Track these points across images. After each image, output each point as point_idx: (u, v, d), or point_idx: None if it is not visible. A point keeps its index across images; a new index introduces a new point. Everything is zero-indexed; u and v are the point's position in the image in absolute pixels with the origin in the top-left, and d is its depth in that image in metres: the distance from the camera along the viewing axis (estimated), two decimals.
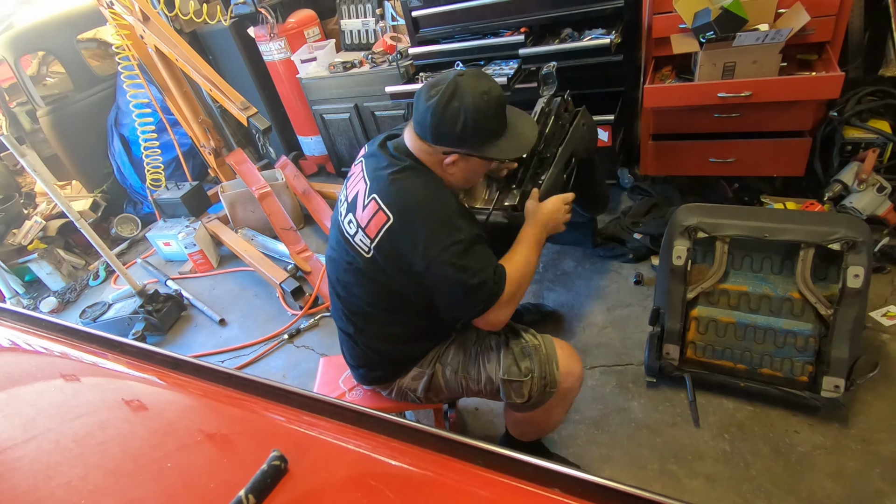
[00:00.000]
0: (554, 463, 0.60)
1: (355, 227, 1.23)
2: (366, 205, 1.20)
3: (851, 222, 1.42)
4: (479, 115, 1.14)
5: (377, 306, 1.28)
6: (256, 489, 0.58)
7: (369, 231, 1.19)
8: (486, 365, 1.29)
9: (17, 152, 2.30)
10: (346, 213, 1.26)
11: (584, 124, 1.71)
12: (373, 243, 1.19)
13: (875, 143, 2.10)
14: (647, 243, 2.31)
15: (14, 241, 3.35)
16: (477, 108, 1.13)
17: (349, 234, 1.25)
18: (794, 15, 1.93)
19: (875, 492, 1.40)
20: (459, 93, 1.13)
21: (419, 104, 1.18)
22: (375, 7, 3.13)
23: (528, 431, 1.47)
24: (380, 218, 1.16)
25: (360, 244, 1.22)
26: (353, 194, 1.26)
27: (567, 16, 2.32)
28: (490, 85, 1.16)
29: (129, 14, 2.79)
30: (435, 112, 1.14)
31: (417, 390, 1.35)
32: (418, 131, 1.20)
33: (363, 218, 1.20)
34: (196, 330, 2.74)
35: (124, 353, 0.90)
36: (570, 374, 1.27)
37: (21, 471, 0.70)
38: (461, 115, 1.13)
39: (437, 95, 1.14)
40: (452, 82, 1.14)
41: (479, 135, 1.17)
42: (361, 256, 1.22)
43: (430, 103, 1.14)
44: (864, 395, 1.61)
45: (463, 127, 1.14)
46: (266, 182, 3.14)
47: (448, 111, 1.13)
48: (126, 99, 3.37)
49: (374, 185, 1.20)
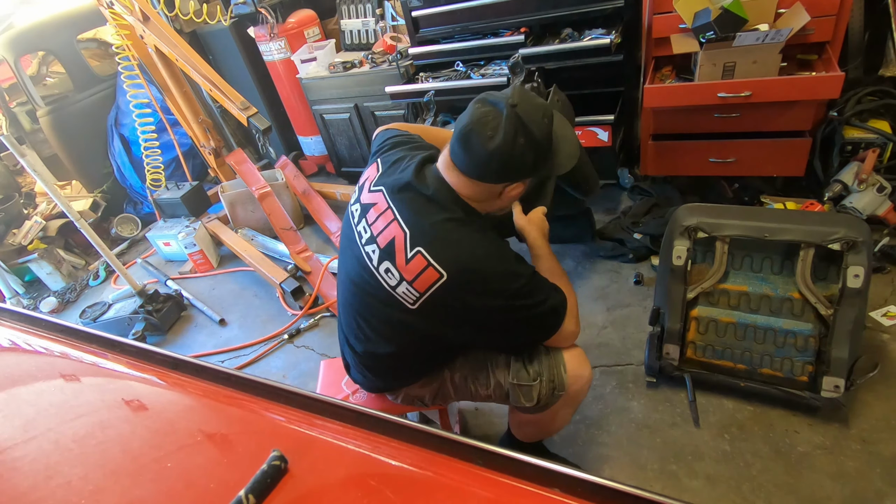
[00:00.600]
0: (554, 463, 0.60)
1: (397, 278, 1.10)
2: (409, 258, 1.08)
3: (851, 222, 1.42)
4: (546, 138, 1.07)
5: (405, 347, 1.24)
6: (256, 489, 0.58)
7: (417, 286, 1.08)
8: (496, 370, 1.27)
9: (17, 152, 2.30)
10: (378, 259, 1.13)
11: (559, 100, 1.73)
12: (422, 297, 1.09)
13: (875, 143, 2.10)
14: (647, 243, 2.31)
15: (14, 241, 3.35)
16: (545, 137, 1.07)
17: (388, 285, 1.12)
18: (794, 15, 1.93)
19: (875, 492, 1.40)
20: (523, 127, 1.02)
21: (472, 147, 1.04)
22: (375, 7, 3.13)
23: (532, 433, 1.47)
24: (430, 275, 1.06)
25: (405, 296, 1.11)
26: (386, 239, 1.12)
27: (567, 16, 2.32)
28: (542, 104, 1.10)
29: (129, 14, 2.79)
30: (502, 155, 1.03)
31: (425, 397, 1.35)
32: (474, 175, 1.07)
33: (408, 272, 1.08)
34: (196, 330, 2.74)
35: (124, 353, 0.90)
36: (579, 377, 1.25)
37: (21, 471, 0.70)
38: (531, 150, 1.05)
39: (498, 136, 1.01)
40: (513, 118, 1.01)
41: (549, 159, 1.12)
42: (403, 307, 1.12)
43: (493, 147, 1.02)
44: (864, 395, 1.61)
45: (535, 160, 1.07)
46: (266, 182, 3.14)
47: (516, 149, 1.03)
48: (126, 99, 3.37)
49: (419, 237, 1.08)
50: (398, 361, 1.29)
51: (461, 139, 1.06)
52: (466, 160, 1.07)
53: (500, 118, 1.02)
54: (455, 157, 1.09)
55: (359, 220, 1.20)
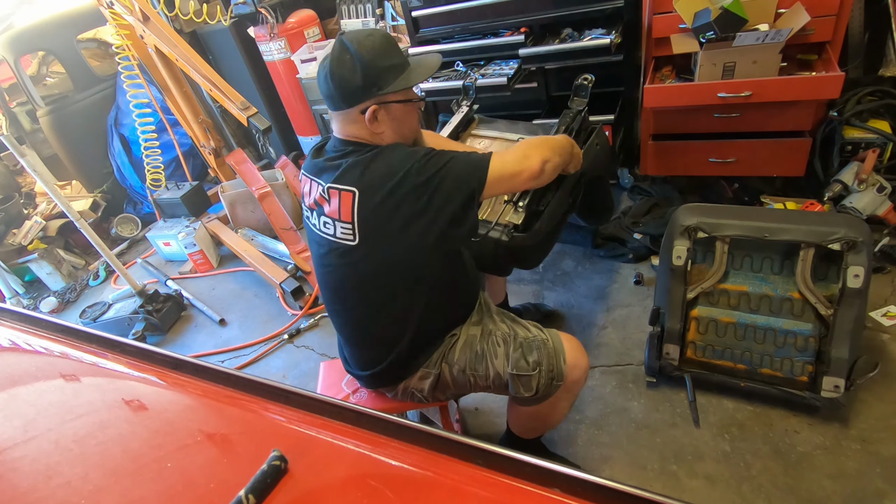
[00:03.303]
0: (554, 463, 0.60)
1: (331, 223, 1.20)
2: (328, 198, 1.18)
3: (851, 222, 1.42)
4: (371, 54, 1.13)
5: (375, 298, 1.26)
6: (256, 489, 0.58)
7: (344, 216, 1.17)
8: (494, 360, 1.29)
9: (17, 152, 2.30)
10: (317, 220, 1.24)
11: (598, 144, 1.69)
12: (353, 225, 1.16)
13: (875, 143, 2.10)
14: (647, 243, 2.31)
15: (14, 241, 3.35)
16: (367, 49, 1.13)
17: (329, 235, 1.22)
18: (794, 15, 1.93)
19: (875, 492, 1.40)
20: (345, 46, 1.13)
21: (321, 83, 1.19)
22: (375, 7, 3.13)
23: (532, 427, 1.48)
24: (346, 199, 1.15)
25: (344, 236, 1.19)
26: (313, 200, 1.24)
27: (567, 16, 2.31)
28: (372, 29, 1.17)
29: (129, 14, 2.79)
30: (332, 74, 1.14)
31: (424, 390, 1.35)
32: (332, 107, 1.20)
33: (333, 211, 1.18)
34: (196, 330, 2.74)
35: (124, 353, 0.90)
36: (576, 366, 1.28)
37: (21, 471, 0.70)
38: (356, 61, 1.12)
39: (326, 60, 1.15)
40: (336, 41, 1.15)
41: (382, 73, 1.15)
42: (349, 247, 1.19)
43: (324, 69, 1.16)
44: (864, 395, 1.61)
45: (363, 71, 1.13)
46: (266, 182, 3.13)
47: (343, 66, 1.13)
48: (126, 99, 3.37)
49: (326, 178, 1.19)
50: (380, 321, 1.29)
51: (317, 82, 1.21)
52: (325, 98, 1.21)
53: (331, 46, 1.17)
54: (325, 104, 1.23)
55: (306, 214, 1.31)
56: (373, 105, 1.16)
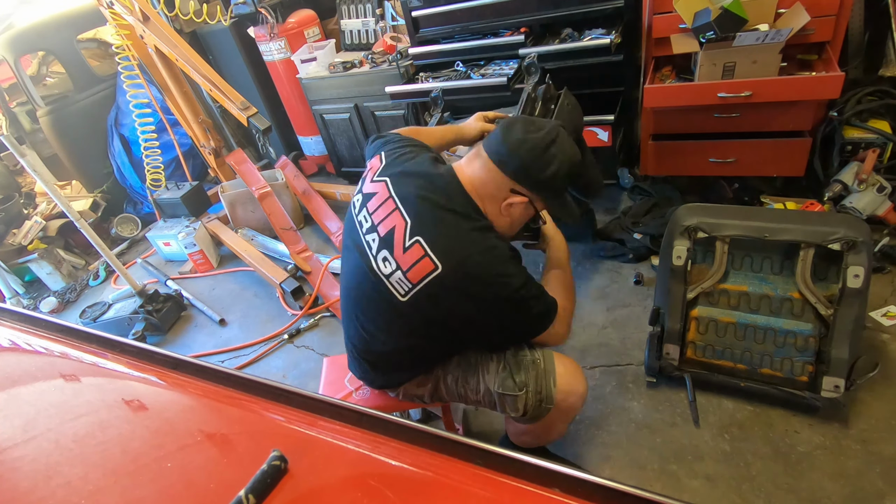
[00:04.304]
0: (554, 463, 0.60)
1: (393, 266, 1.12)
2: (407, 247, 1.10)
3: (851, 222, 1.42)
4: (571, 169, 1.15)
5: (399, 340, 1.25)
6: (256, 489, 0.58)
7: (411, 276, 1.10)
8: (486, 376, 1.26)
9: (17, 152, 2.30)
10: (377, 248, 1.14)
11: (568, 103, 1.78)
12: (414, 289, 1.10)
13: (875, 143, 2.10)
14: (647, 243, 2.31)
15: (14, 241, 3.35)
16: (571, 164, 1.15)
17: (382, 273, 1.14)
18: (794, 15, 1.93)
19: (875, 492, 1.40)
20: (560, 143, 1.13)
21: (511, 133, 1.13)
22: (375, 7, 3.13)
23: (527, 441, 1.45)
24: (426, 265, 1.08)
25: (397, 286, 1.12)
26: (386, 228, 1.14)
27: (567, 16, 2.32)
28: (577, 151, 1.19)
29: (129, 14, 2.79)
30: (534, 149, 1.11)
31: (424, 396, 1.36)
32: (495, 158, 1.14)
33: (404, 261, 1.10)
34: (196, 330, 2.74)
35: (124, 353, 0.90)
36: (571, 392, 1.24)
37: (21, 471, 0.70)
38: (555, 163, 1.12)
39: (539, 133, 1.12)
40: (555, 130, 1.14)
41: (559, 188, 1.18)
42: (395, 297, 1.14)
43: (530, 138, 1.11)
44: (864, 395, 1.61)
45: (552, 175, 1.13)
46: (266, 182, 3.14)
47: (546, 154, 1.11)
48: (126, 99, 3.37)
49: (419, 227, 1.10)
50: (393, 356, 1.29)
51: (505, 127, 1.15)
52: (498, 143, 1.14)
53: (547, 125, 1.14)
54: (486, 143, 1.17)
55: (360, 210, 1.22)
56: (529, 198, 1.17)
